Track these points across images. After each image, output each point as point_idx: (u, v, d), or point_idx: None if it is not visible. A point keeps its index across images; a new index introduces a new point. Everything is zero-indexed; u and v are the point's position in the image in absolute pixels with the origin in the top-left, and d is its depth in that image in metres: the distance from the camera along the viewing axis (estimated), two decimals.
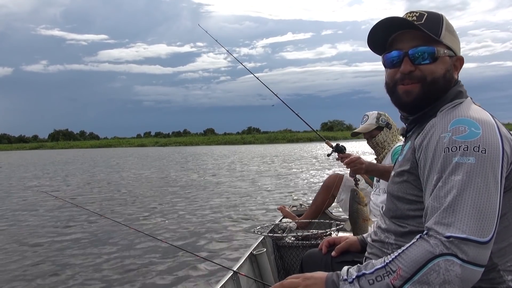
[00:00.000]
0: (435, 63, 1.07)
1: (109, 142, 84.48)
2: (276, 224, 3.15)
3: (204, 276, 3.99)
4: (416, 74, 1.07)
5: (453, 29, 1.11)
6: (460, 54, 1.11)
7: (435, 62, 1.07)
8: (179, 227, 6.29)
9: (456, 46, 1.10)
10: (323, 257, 1.51)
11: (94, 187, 12.00)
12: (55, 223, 6.86)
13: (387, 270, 0.90)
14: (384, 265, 0.91)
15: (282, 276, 2.82)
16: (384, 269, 0.90)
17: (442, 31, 1.07)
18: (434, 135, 0.99)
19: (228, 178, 13.29)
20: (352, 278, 0.93)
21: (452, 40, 1.09)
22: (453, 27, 1.11)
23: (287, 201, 8.29)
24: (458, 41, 1.12)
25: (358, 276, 0.93)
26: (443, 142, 0.95)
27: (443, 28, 1.08)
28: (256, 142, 66.15)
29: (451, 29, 1.10)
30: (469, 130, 0.93)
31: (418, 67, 1.07)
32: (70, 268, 4.39)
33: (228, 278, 2.15)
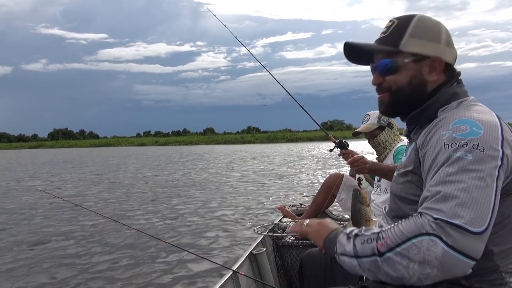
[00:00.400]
0: (397, 73, 1.11)
1: (109, 141, 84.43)
2: (276, 224, 3.14)
3: (204, 276, 3.98)
4: (384, 85, 1.14)
5: (425, 30, 1.11)
6: (435, 54, 1.10)
7: (398, 72, 1.11)
8: (178, 226, 6.29)
9: (425, 49, 1.10)
10: (323, 256, 1.51)
11: (93, 186, 11.99)
12: (54, 222, 6.85)
13: (378, 236, 0.93)
14: (379, 231, 0.94)
15: (282, 276, 2.81)
16: (377, 235, 0.94)
17: (403, 40, 1.10)
18: (435, 134, 1.01)
19: (228, 178, 13.29)
20: (351, 234, 0.99)
21: (420, 44, 1.10)
22: (428, 26, 1.12)
23: (287, 200, 8.29)
24: (433, 41, 1.11)
25: (357, 234, 0.98)
26: (442, 139, 0.96)
27: (405, 35, 1.10)
28: (256, 141, 66.12)
29: (420, 32, 1.10)
30: (470, 129, 0.95)
31: (385, 79, 1.13)
32: (69, 267, 4.39)
33: (228, 278, 2.14)
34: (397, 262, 0.87)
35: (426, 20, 1.13)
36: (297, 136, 69.45)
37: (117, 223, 4.08)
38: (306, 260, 1.58)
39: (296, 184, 10.98)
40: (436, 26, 1.13)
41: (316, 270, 1.51)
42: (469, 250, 0.83)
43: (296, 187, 10.37)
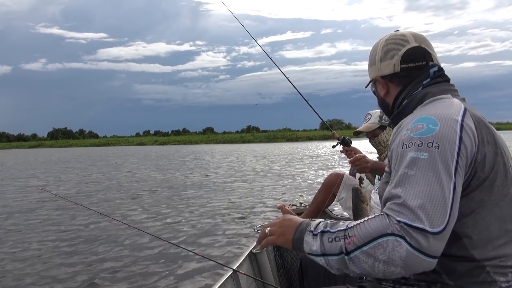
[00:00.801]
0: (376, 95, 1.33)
1: (108, 141, 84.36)
2: None
3: (204, 274, 3.98)
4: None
5: (370, 57, 1.28)
6: (374, 75, 1.27)
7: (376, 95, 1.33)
8: (178, 225, 6.29)
9: (371, 75, 1.30)
10: None
11: (93, 186, 11.99)
12: (54, 220, 6.85)
13: (345, 234, 0.94)
14: (345, 228, 0.95)
15: (282, 275, 2.81)
16: (343, 232, 0.95)
17: (369, 72, 1.31)
18: (398, 135, 1.06)
19: (228, 177, 13.29)
20: (317, 231, 0.99)
21: (369, 72, 1.30)
22: (372, 53, 1.27)
23: (287, 199, 8.29)
24: (372, 65, 1.28)
25: (323, 231, 0.98)
26: (402, 140, 1.01)
27: (369, 70, 1.31)
28: (256, 141, 66.13)
29: (369, 60, 1.29)
30: (426, 127, 0.97)
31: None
32: (68, 266, 4.39)
33: (228, 277, 2.14)
34: (364, 261, 0.90)
35: (374, 47, 1.27)
36: (296, 136, 69.48)
37: (117, 222, 4.08)
38: (306, 259, 1.57)
39: (296, 183, 10.98)
40: (374, 50, 1.26)
41: (316, 269, 1.51)
42: (430, 250, 0.87)
43: (296, 186, 10.37)
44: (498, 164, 0.99)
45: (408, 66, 1.18)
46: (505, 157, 1.02)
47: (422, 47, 1.19)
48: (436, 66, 1.18)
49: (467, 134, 0.96)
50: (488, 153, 0.98)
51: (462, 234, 0.97)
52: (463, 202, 0.95)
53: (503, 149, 1.02)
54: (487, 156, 0.97)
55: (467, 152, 0.95)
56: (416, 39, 1.20)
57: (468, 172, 0.96)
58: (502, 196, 0.99)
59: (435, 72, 1.17)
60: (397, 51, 1.20)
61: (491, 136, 1.00)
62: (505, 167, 1.01)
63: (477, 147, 0.96)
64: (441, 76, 1.18)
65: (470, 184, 0.97)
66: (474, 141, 0.96)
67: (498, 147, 1.00)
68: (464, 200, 0.95)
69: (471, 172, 0.96)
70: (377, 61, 1.24)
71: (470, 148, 0.95)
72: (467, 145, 0.95)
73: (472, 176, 0.97)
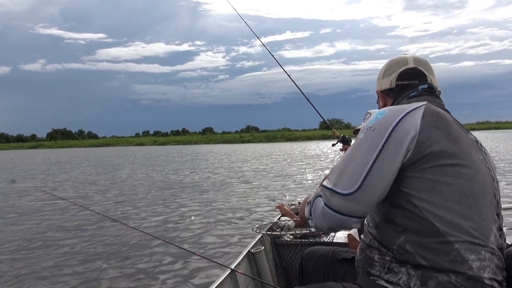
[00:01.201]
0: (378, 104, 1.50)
1: (108, 141, 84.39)
2: (275, 222, 3.14)
3: (202, 274, 3.99)
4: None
5: (377, 77, 1.47)
6: (377, 89, 1.47)
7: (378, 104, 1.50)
8: (177, 225, 6.29)
9: (376, 88, 1.47)
10: (323, 254, 1.53)
11: (91, 186, 11.99)
12: (54, 221, 6.85)
13: (310, 201, 1.21)
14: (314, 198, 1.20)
15: (280, 275, 2.81)
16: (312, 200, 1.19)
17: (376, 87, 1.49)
18: None
19: (227, 177, 13.29)
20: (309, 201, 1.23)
21: (376, 86, 1.47)
22: (379, 73, 1.46)
23: (285, 199, 8.30)
24: (377, 81, 1.46)
25: (308, 202, 1.22)
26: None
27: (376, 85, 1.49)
28: (255, 140, 66.16)
29: (378, 76, 1.46)
30: (374, 116, 1.15)
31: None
32: (66, 266, 4.39)
33: (226, 276, 2.14)
34: (315, 218, 1.15)
35: (383, 66, 1.45)
36: (296, 135, 69.50)
37: (116, 222, 4.08)
38: (307, 258, 1.59)
39: (295, 183, 10.99)
40: (381, 68, 1.45)
41: (317, 268, 1.53)
42: (340, 208, 1.07)
43: (295, 186, 10.38)
44: (449, 149, 1.08)
45: (402, 83, 1.35)
46: (461, 145, 1.11)
47: (418, 68, 1.35)
48: (426, 84, 1.31)
49: (407, 121, 1.09)
50: (435, 138, 1.08)
51: (426, 213, 1.05)
52: (417, 179, 1.06)
53: (459, 139, 1.12)
54: (433, 140, 1.08)
55: (403, 134, 1.07)
56: (415, 62, 1.36)
57: (411, 150, 1.07)
58: (457, 178, 1.07)
59: (423, 89, 1.30)
60: (395, 70, 1.38)
61: (444, 126, 1.11)
62: (458, 153, 1.09)
63: (418, 131, 1.07)
64: (430, 93, 1.29)
65: (418, 161, 1.07)
66: (415, 127, 1.08)
67: (452, 136, 1.11)
68: (417, 173, 1.06)
69: (414, 150, 1.07)
70: (380, 77, 1.44)
71: (406, 132, 1.08)
72: (403, 130, 1.08)
73: (416, 153, 1.07)
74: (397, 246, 1.08)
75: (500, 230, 1.13)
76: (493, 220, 1.10)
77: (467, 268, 1.01)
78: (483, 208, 1.08)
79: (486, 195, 1.11)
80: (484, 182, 1.12)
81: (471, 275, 1.01)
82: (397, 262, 1.08)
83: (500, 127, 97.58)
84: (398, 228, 1.08)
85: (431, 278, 1.01)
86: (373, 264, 1.14)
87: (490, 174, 1.17)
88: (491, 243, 1.06)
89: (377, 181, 1.06)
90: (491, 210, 1.11)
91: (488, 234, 1.06)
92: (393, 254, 1.09)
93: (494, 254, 1.06)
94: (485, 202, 1.09)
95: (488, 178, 1.14)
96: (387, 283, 1.08)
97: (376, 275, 1.12)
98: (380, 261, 1.12)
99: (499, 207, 1.17)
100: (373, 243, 1.17)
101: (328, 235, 2.82)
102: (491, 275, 1.03)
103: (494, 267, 1.04)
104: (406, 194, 1.07)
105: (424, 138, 1.08)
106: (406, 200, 1.07)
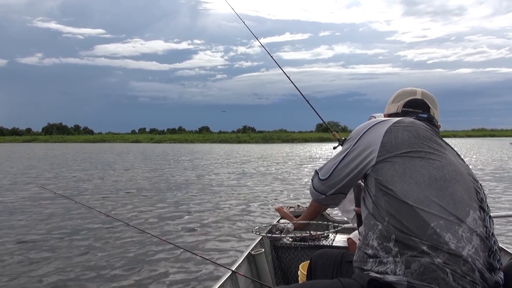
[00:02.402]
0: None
1: (103, 137, 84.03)
2: (274, 225, 3.15)
3: (202, 275, 3.98)
4: None
5: (390, 100, 1.65)
6: (384, 113, 1.67)
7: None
8: (177, 225, 6.28)
9: (385, 112, 1.67)
10: (333, 256, 1.57)
11: (89, 183, 11.94)
12: (49, 217, 6.82)
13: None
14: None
15: (279, 277, 2.83)
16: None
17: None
18: None
19: (226, 178, 13.28)
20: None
21: (385, 110, 1.67)
22: (390, 100, 1.66)
23: (285, 201, 8.32)
24: (386, 106, 1.66)
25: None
26: None
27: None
28: (251, 141, 66.10)
29: (388, 102, 1.66)
30: (356, 128, 1.41)
31: None
32: (63, 264, 4.37)
33: (227, 278, 2.15)
34: (310, 189, 1.55)
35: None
36: (292, 137, 69.49)
37: (115, 220, 4.07)
38: (316, 259, 1.63)
39: (294, 186, 11.01)
40: (393, 95, 1.64)
41: (325, 269, 1.56)
42: (318, 188, 1.47)
43: (294, 189, 10.40)
44: (417, 144, 1.25)
45: (407, 110, 1.54)
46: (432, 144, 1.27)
47: (423, 100, 1.54)
48: (426, 115, 1.49)
49: (373, 131, 1.33)
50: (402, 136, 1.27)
51: (401, 194, 1.17)
52: (389, 167, 1.23)
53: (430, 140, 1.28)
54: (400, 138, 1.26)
55: (366, 141, 1.32)
56: (423, 95, 1.56)
57: (376, 151, 1.28)
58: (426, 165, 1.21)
59: (422, 117, 1.47)
60: (403, 98, 1.58)
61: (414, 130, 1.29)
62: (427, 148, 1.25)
63: (383, 135, 1.28)
64: (429, 120, 1.46)
65: (388, 154, 1.25)
66: (380, 134, 1.30)
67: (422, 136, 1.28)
68: (388, 165, 1.24)
69: (380, 150, 1.27)
70: (389, 103, 1.64)
71: (370, 139, 1.31)
72: (368, 138, 1.32)
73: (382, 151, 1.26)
74: (380, 232, 1.17)
75: (483, 221, 1.17)
76: (470, 205, 1.16)
77: (445, 246, 1.07)
78: (457, 192, 1.17)
79: (461, 182, 1.20)
80: (458, 172, 1.23)
81: (450, 252, 1.07)
82: (383, 250, 1.15)
83: (495, 135, 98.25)
84: (380, 216, 1.19)
85: (414, 261, 1.08)
86: (366, 261, 1.19)
87: (471, 177, 1.28)
88: (469, 223, 1.12)
89: (343, 171, 1.38)
90: (469, 196, 1.18)
91: (464, 215, 1.13)
92: (378, 243, 1.16)
93: (474, 235, 1.11)
94: (458, 187, 1.19)
95: (466, 176, 1.25)
96: (378, 274, 1.14)
97: (369, 269, 1.17)
98: (372, 256, 1.18)
99: (485, 205, 1.23)
100: (364, 240, 1.24)
101: (328, 239, 2.84)
102: (471, 254, 1.08)
103: (474, 249, 1.09)
104: (382, 182, 1.22)
105: (390, 139, 1.27)
106: (384, 186, 1.21)
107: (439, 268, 1.05)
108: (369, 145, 1.30)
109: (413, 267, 1.07)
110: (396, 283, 1.09)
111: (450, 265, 1.06)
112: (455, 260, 1.06)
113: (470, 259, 1.07)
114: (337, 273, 1.51)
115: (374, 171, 1.26)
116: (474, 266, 1.07)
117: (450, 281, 1.05)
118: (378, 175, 1.24)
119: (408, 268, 1.08)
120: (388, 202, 1.18)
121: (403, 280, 1.08)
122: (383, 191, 1.20)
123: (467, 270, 1.06)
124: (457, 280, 1.05)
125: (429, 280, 1.05)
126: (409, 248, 1.10)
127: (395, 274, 1.10)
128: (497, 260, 1.15)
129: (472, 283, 1.06)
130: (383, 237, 1.15)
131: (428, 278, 1.05)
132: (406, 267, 1.09)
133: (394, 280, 1.09)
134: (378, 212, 1.20)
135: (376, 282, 1.12)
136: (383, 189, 1.21)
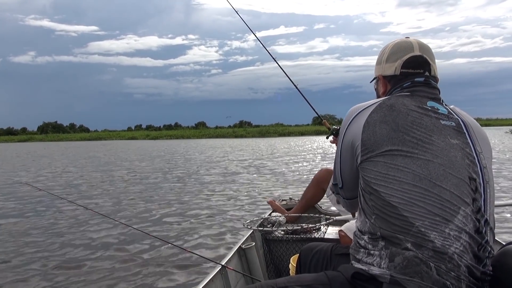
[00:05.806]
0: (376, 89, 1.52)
1: (99, 135, 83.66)
2: (266, 218, 3.13)
3: (192, 270, 3.96)
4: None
5: (377, 57, 1.46)
6: (377, 73, 1.45)
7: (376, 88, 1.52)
8: (166, 219, 6.26)
9: (375, 72, 1.47)
10: (322, 249, 1.54)
11: (79, 180, 11.89)
12: (38, 216, 6.78)
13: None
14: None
15: (271, 270, 2.81)
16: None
17: (375, 70, 1.48)
18: None
19: (218, 171, 13.26)
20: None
21: (377, 70, 1.46)
22: (380, 53, 1.45)
23: (276, 194, 8.30)
24: (378, 64, 1.44)
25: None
26: None
27: (375, 68, 1.48)
28: (248, 135, 66.05)
29: (379, 60, 1.44)
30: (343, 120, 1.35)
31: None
32: (51, 261, 4.35)
33: (216, 272, 2.13)
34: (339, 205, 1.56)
35: (383, 48, 1.44)
36: (289, 131, 69.52)
37: (103, 217, 4.04)
38: (306, 252, 1.60)
39: (286, 179, 11.00)
40: (383, 51, 1.43)
41: (315, 262, 1.54)
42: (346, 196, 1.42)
43: (286, 182, 10.39)
44: (397, 139, 1.17)
45: (407, 71, 1.34)
46: (414, 133, 1.17)
47: (423, 57, 1.34)
48: (423, 78, 1.33)
49: (354, 125, 1.26)
50: (380, 132, 1.19)
51: (386, 195, 1.13)
52: (372, 167, 1.17)
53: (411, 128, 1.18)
54: (378, 134, 1.19)
55: (349, 137, 1.26)
56: (420, 48, 1.35)
57: (359, 146, 1.22)
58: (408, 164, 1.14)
59: (419, 82, 1.33)
60: (401, 56, 1.36)
61: (392, 119, 1.20)
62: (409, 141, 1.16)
63: (362, 131, 1.22)
64: (424, 84, 1.32)
65: (370, 153, 1.19)
66: (358, 129, 1.23)
67: (401, 127, 1.18)
68: (372, 164, 1.18)
69: (362, 147, 1.21)
70: (383, 61, 1.41)
71: (352, 135, 1.25)
72: (350, 133, 1.26)
73: (364, 149, 1.21)
74: (368, 228, 1.17)
75: (476, 213, 1.11)
76: (461, 202, 1.10)
77: (429, 244, 1.05)
78: (444, 190, 1.10)
79: (450, 178, 1.12)
80: (447, 165, 1.14)
81: (435, 249, 1.04)
82: (371, 243, 1.15)
83: (490, 124, 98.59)
84: (369, 213, 1.18)
85: (398, 254, 1.07)
86: (359, 250, 1.19)
87: (468, 157, 1.17)
88: (458, 222, 1.07)
89: (347, 174, 1.33)
90: (460, 191, 1.11)
91: (452, 215, 1.08)
92: (368, 237, 1.17)
93: (462, 233, 1.07)
94: (447, 184, 1.11)
95: (460, 163, 1.15)
96: (364, 264, 1.14)
97: (359, 259, 1.18)
98: (363, 246, 1.18)
99: (484, 191, 1.15)
100: (358, 231, 1.24)
101: (319, 231, 2.82)
102: (458, 252, 1.05)
103: (462, 246, 1.06)
104: (368, 182, 1.18)
105: (369, 135, 1.20)
106: (370, 186, 1.17)
107: (423, 262, 1.04)
108: (353, 142, 1.26)
109: (396, 260, 1.07)
110: (379, 276, 1.09)
111: (434, 261, 1.04)
112: (440, 257, 1.04)
113: (456, 256, 1.04)
114: (326, 267, 1.48)
115: (361, 169, 1.23)
116: (460, 262, 1.05)
117: (434, 274, 1.02)
118: (364, 174, 1.21)
119: (392, 262, 1.07)
120: (374, 201, 1.16)
121: (386, 273, 1.07)
122: (369, 191, 1.19)
123: (452, 266, 1.04)
124: (441, 274, 1.03)
125: (412, 274, 1.03)
126: (394, 244, 1.09)
127: (379, 267, 1.10)
128: (487, 252, 1.11)
129: (457, 278, 1.03)
130: (371, 233, 1.16)
131: (411, 272, 1.03)
132: (390, 260, 1.08)
133: (377, 273, 1.09)
134: (367, 208, 1.19)
135: (360, 276, 1.13)
136: (369, 189, 1.18)
